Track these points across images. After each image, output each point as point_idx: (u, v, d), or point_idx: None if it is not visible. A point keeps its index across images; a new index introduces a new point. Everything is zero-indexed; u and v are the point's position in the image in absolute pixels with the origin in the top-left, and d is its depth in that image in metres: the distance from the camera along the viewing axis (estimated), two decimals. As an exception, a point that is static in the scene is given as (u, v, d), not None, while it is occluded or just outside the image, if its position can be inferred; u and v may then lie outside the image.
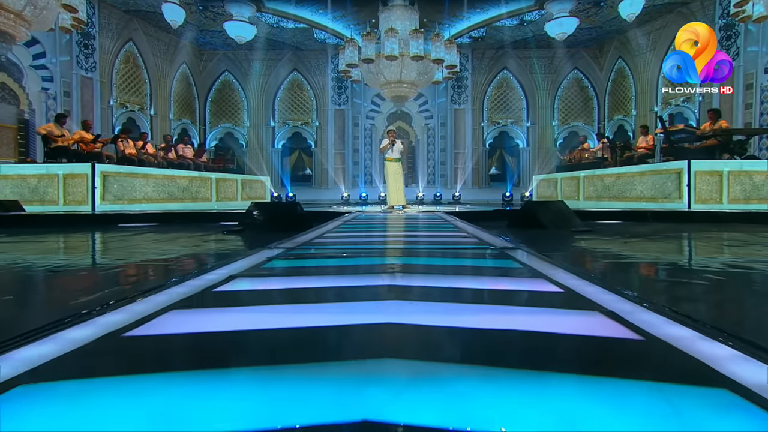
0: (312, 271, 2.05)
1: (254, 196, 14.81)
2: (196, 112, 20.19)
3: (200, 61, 20.27)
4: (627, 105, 18.30)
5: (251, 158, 20.74)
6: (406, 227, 4.58)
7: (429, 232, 3.95)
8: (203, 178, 12.13)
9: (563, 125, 20.65)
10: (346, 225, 4.78)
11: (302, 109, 20.87)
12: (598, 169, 11.65)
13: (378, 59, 13.50)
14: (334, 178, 20.62)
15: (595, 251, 3.33)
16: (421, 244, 3.21)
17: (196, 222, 6.64)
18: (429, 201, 18.77)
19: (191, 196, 11.55)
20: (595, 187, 11.56)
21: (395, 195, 8.20)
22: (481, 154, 20.69)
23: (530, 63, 20.35)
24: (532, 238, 4.15)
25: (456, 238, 3.30)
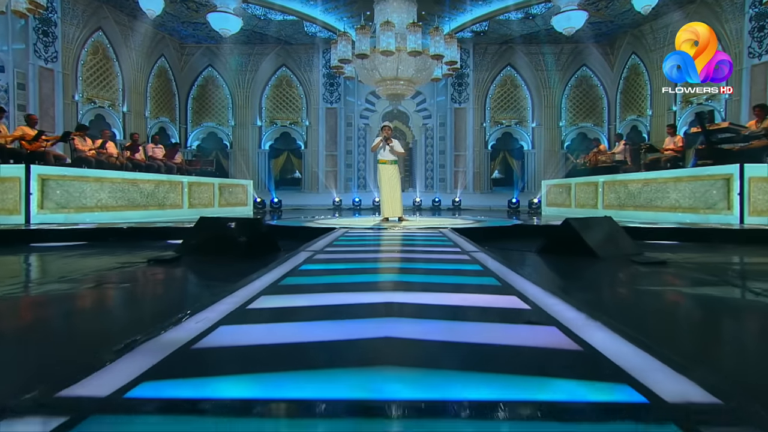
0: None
1: (234, 201, 13.46)
2: (175, 109, 18.89)
3: (181, 55, 18.97)
4: (641, 104, 17.09)
5: (236, 160, 19.48)
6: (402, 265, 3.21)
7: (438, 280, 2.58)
8: (172, 182, 10.74)
9: (571, 126, 19.53)
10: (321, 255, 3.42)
11: (291, 108, 19.78)
12: (621, 174, 10.35)
13: (373, 54, 12.71)
14: (324, 182, 19.48)
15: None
16: (430, 329, 1.86)
17: (138, 238, 5.25)
18: (427, 207, 17.60)
19: (157, 202, 10.16)
20: (617, 195, 10.25)
21: (390, 205, 6.84)
22: (483, 156, 19.66)
23: (536, 59, 19.27)
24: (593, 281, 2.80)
25: (487, 301, 1.95)
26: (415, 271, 2.75)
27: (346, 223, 6.92)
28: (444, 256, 3.35)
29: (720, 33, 13.89)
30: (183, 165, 13.10)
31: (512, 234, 5.73)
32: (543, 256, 4.00)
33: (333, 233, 4.89)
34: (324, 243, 4.14)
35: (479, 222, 6.55)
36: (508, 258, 3.99)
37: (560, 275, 3.12)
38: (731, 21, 13.52)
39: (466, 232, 5.27)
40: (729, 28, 13.55)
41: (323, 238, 4.43)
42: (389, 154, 6.93)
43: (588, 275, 3.12)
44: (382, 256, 3.46)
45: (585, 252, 3.80)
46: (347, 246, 4.09)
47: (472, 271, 2.65)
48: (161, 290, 2.74)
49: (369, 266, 2.97)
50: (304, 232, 5.58)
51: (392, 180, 6.90)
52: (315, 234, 5.26)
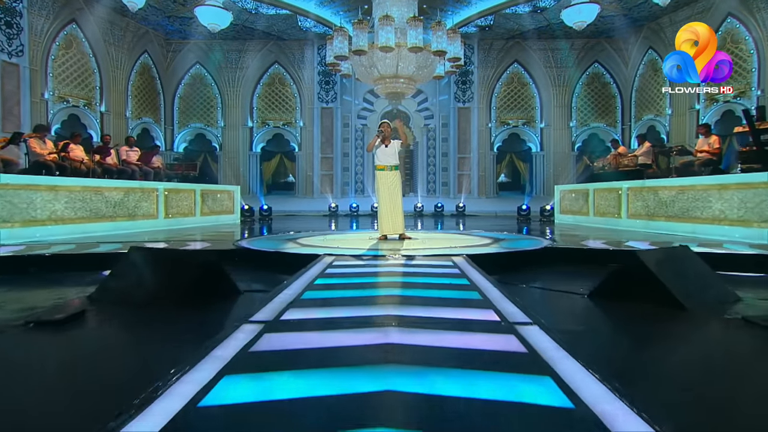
0: None
1: (219, 209, 12.35)
2: (160, 109, 17.88)
3: (167, 51, 17.93)
4: (659, 103, 16.03)
5: (226, 163, 18.50)
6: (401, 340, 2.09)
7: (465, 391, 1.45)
8: (145, 189, 9.63)
9: (582, 126, 18.61)
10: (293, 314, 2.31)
11: (284, 108, 18.88)
12: (652, 180, 9.24)
13: (371, 50, 11.96)
14: (320, 187, 18.53)
15: None
16: None
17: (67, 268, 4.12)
18: (429, 212, 16.52)
19: (127, 213, 9.04)
20: (644, 203, 9.14)
21: (390, 219, 5.71)
22: (488, 159, 18.76)
23: (545, 56, 18.31)
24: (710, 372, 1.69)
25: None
26: (422, 358, 1.64)
27: (337, 242, 5.79)
28: (466, 323, 2.23)
29: (750, 23, 12.81)
30: (163, 170, 12.02)
31: (542, 260, 4.60)
32: (603, 305, 2.87)
33: (316, 264, 3.77)
34: (301, 285, 3.03)
35: (497, 243, 5.41)
36: (555, 307, 2.86)
37: (649, 358, 2.01)
38: (763, 10, 12.43)
39: (484, 260, 4.15)
40: (761, 17, 12.46)
41: (301, 276, 3.30)
42: (389, 158, 5.80)
43: (692, 355, 2.00)
44: (373, 317, 2.33)
45: (663, 299, 2.67)
46: (330, 291, 2.97)
47: (515, 361, 1.55)
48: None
49: (354, 342, 1.85)
50: (281, 260, 4.45)
51: (392, 189, 5.77)
52: (293, 264, 4.15)
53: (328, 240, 6.00)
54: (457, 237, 6.22)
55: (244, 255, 4.75)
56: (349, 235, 6.81)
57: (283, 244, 5.40)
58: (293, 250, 4.66)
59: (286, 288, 2.98)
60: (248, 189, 18.15)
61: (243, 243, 5.23)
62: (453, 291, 2.92)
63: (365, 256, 4.24)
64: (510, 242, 5.59)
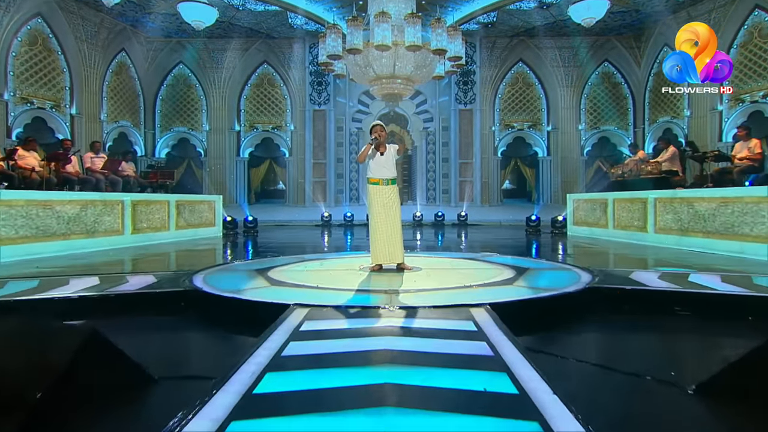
0: None
1: (197, 222, 11.26)
2: (140, 112, 16.92)
3: (147, 50, 16.91)
4: (676, 104, 15.09)
5: (212, 170, 17.53)
6: None
7: None
8: (108, 201, 8.51)
9: (591, 129, 17.84)
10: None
11: (273, 110, 18.12)
12: (687, 190, 8.17)
13: (366, 49, 11.76)
14: (312, 195, 17.68)
15: None
16: None
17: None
18: (428, 222, 15.54)
19: (85, 229, 7.93)
20: (676, 216, 8.08)
21: (385, 245, 4.58)
22: (491, 164, 18.05)
23: (551, 55, 17.48)
24: None
25: None
26: None
27: (318, 275, 4.67)
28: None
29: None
30: (135, 178, 10.92)
31: (586, 305, 3.47)
32: (729, 413, 1.75)
33: (282, 325, 2.68)
34: (255, 370, 1.95)
35: (521, 276, 4.30)
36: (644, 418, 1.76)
37: None
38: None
39: (514, 311, 3.07)
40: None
41: (258, 351, 2.21)
42: (384, 170, 4.69)
43: None
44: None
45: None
46: (297, 377, 1.91)
47: None
48: None
49: None
50: (239, 311, 3.33)
51: (389, 208, 4.64)
52: (254, 318, 3.07)
53: (309, 271, 4.87)
54: (468, 267, 5.08)
55: (192, 300, 3.62)
56: (335, 262, 5.67)
57: (249, 280, 4.27)
58: (256, 296, 3.51)
59: (232, 377, 1.88)
60: (235, 197, 17.18)
61: (197, 279, 4.09)
62: (474, 377, 1.83)
63: (351, 308, 3.10)
64: (537, 275, 4.48)
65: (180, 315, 3.56)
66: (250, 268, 4.98)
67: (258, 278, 4.32)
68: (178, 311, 3.58)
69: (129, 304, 3.54)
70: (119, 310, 3.48)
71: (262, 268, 4.84)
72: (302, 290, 3.76)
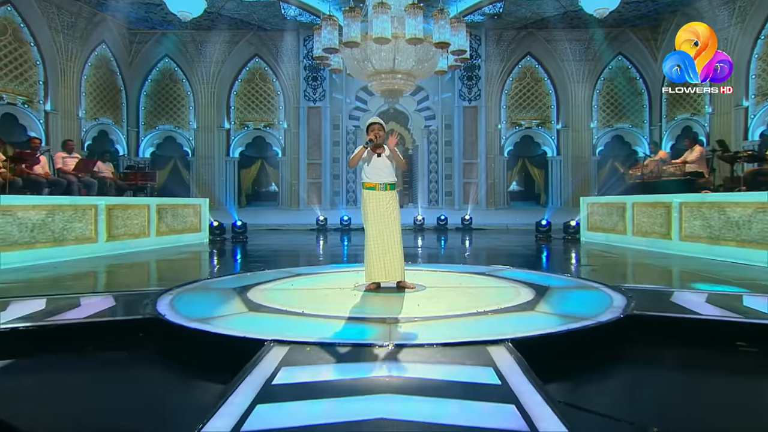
0: None
1: (181, 227, 10.83)
2: (122, 109, 16.44)
3: (130, 43, 16.49)
4: (697, 100, 14.67)
5: (199, 171, 17.16)
6: None
7: None
8: (79, 206, 8.04)
9: (604, 127, 17.51)
10: None
11: (266, 107, 17.74)
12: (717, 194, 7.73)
13: (364, 42, 11.79)
14: (306, 197, 17.27)
15: None
16: None
17: None
18: (430, 226, 15.20)
19: (52, 237, 7.46)
20: (705, 222, 7.62)
21: (382, 261, 4.08)
22: (498, 164, 17.71)
23: (561, 48, 17.13)
24: None
25: None
26: None
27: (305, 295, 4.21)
28: None
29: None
30: (114, 180, 10.50)
31: (626, 341, 3.00)
32: None
33: (254, 372, 2.21)
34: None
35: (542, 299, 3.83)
36: None
37: None
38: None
39: (540, 349, 2.60)
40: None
41: (221, 411, 1.72)
42: (382, 173, 4.20)
43: None
44: None
45: None
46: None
47: None
48: None
49: None
50: (205, 345, 2.85)
51: (387, 217, 4.15)
52: (220, 355, 2.63)
53: (295, 289, 4.38)
54: (479, 285, 4.60)
55: (151, 330, 3.13)
56: (327, 278, 5.18)
57: (224, 303, 3.77)
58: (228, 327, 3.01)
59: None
60: (224, 200, 16.79)
61: (163, 302, 3.61)
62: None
63: (340, 346, 2.61)
64: (560, 296, 3.99)
65: (137, 349, 3.08)
66: (229, 285, 4.50)
67: (235, 300, 3.83)
68: (134, 344, 3.10)
69: (73, 337, 3.05)
70: (61, 345, 2.99)
71: (243, 287, 4.35)
72: (284, 318, 3.27)
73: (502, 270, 5.48)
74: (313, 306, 3.55)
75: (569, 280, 4.88)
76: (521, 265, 6.44)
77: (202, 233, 11.53)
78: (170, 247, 9.76)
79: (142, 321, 3.23)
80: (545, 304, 3.63)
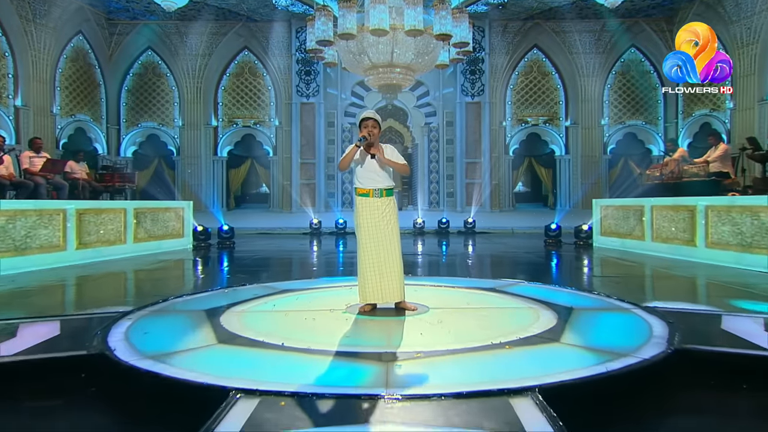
0: None
1: (162, 233, 10.41)
2: (102, 105, 16.35)
3: (110, 34, 16.38)
4: (717, 95, 14.53)
5: (184, 171, 17.02)
6: None
7: None
8: (45, 210, 7.56)
9: (616, 124, 17.57)
10: None
11: (256, 103, 17.88)
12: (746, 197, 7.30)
13: (361, 34, 11.86)
14: (299, 199, 17.21)
15: None
16: None
17: None
18: (431, 230, 14.86)
19: (13, 245, 7.00)
20: (735, 228, 7.20)
21: (379, 277, 3.63)
22: (503, 164, 17.84)
23: (570, 40, 17.18)
24: None
25: None
26: None
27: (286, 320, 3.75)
28: None
29: None
30: (88, 181, 10.12)
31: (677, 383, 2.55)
32: None
33: None
34: None
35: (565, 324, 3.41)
36: None
37: None
38: None
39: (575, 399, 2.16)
40: None
41: None
42: (377, 177, 3.77)
43: None
44: None
45: None
46: None
47: None
48: None
49: None
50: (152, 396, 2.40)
51: (381, 228, 3.69)
52: (176, 408, 2.24)
53: (277, 311, 3.93)
54: (490, 305, 4.16)
55: (96, 371, 2.67)
56: (315, 295, 4.71)
57: (191, 331, 3.31)
58: (189, 366, 2.55)
59: None
60: (212, 202, 16.54)
61: (116, 331, 3.15)
62: None
63: (322, 398, 2.15)
64: (588, 321, 3.54)
65: (78, 394, 2.61)
66: (202, 306, 4.03)
67: (205, 328, 3.36)
68: (74, 389, 2.62)
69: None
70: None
71: (217, 308, 3.90)
72: (260, 352, 2.81)
73: (515, 285, 5.02)
74: (295, 335, 3.09)
75: (594, 298, 4.42)
76: (533, 276, 6.02)
77: (185, 239, 11.09)
78: (149, 255, 9.32)
79: (85, 358, 2.76)
80: (572, 333, 3.17)
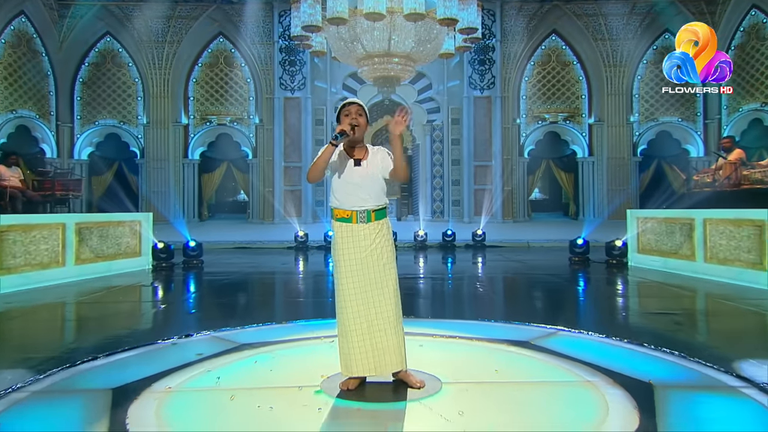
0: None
1: (113, 252, 9.73)
2: (50, 99, 16.14)
3: (61, 17, 16.09)
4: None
5: (150, 176, 16.81)
6: None
7: None
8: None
9: (647, 122, 17.47)
10: None
11: (233, 98, 17.95)
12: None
13: (354, 19, 11.86)
14: (282, 209, 17.06)
15: None
16: None
17: None
18: (435, 243, 14.36)
19: None
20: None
21: (368, 339, 2.72)
22: (516, 168, 17.94)
23: (594, 24, 17.19)
24: None
25: None
26: None
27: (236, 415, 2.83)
28: None
29: None
30: (22, 190, 9.67)
31: None
32: None
33: None
34: None
35: (651, 422, 2.45)
36: None
37: None
38: None
39: None
40: None
41: None
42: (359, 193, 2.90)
43: None
44: None
45: None
46: None
47: None
48: None
49: None
50: None
51: (369, 266, 2.74)
52: None
53: (220, 390, 2.96)
54: (527, 375, 3.25)
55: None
56: (280, 359, 3.73)
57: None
58: None
59: None
60: (182, 212, 16.60)
61: None
62: None
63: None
64: (681, 411, 2.67)
65: None
66: (113, 379, 3.06)
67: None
68: None
69: None
70: None
71: (135, 384, 2.94)
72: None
73: (553, 335, 4.09)
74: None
75: (672, 361, 3.48)
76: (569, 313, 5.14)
77: (143, 258, 10.29)
78: (94, 280, 8.50)
79: None
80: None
